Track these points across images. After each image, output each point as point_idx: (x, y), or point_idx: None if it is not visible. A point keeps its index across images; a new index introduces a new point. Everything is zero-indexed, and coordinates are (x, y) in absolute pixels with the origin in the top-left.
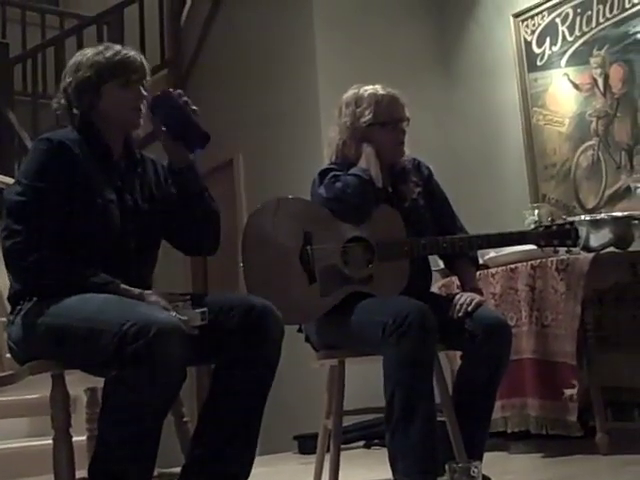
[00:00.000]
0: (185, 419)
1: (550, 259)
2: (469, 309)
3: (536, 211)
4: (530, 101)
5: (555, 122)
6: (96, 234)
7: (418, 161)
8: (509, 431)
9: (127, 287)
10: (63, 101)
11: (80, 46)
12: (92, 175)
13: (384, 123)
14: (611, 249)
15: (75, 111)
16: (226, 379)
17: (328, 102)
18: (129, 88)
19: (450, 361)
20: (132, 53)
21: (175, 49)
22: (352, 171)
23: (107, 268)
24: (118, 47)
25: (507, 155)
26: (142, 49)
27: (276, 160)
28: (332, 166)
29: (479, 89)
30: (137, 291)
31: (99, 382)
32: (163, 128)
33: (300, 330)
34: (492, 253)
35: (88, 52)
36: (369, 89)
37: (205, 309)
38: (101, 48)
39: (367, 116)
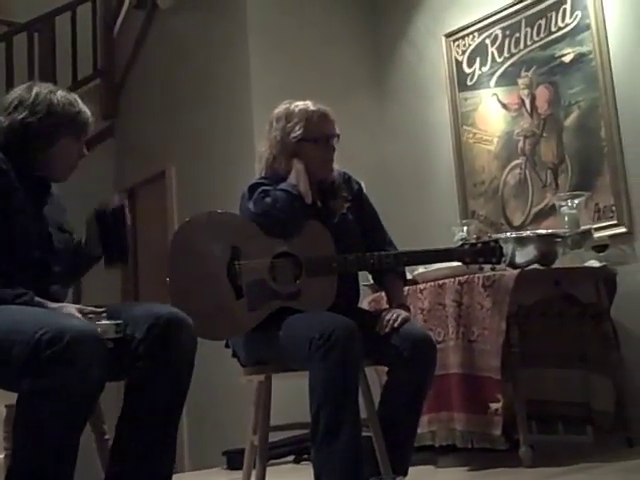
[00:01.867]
0: (106, 436)
1: (477, 275)
2: (395, 325)
3: (465, 227)
4: (460, 120)
5: (484, 141)
6: (15, 247)
7: (348, 176)
8: (436, 445)
9: (41, 299)
10: (5, 123)
11: (10, 53)
12: (18, 194)
13: (314, 139)
14: (536, 266)
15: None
16: (138, 394)
17: (262, 117)
18: (79, 144)
19: (379, 375)
20: (88, 112)
21: (108, 58)
22: (281, 186)
23: (22, 282)
24: (76, 101)
25: (438, 172)
26: (74, 58)
27: (209, 173)
28: (262, 181)
29: (412, 107)
30: (52, 304)
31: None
32: (98, 233)
33: (227, 345)
34: (421, 269)
35: (51, 96)
36: (300, 105)
37: (120, 321)
38: (61, 98)
39: (297, 131)
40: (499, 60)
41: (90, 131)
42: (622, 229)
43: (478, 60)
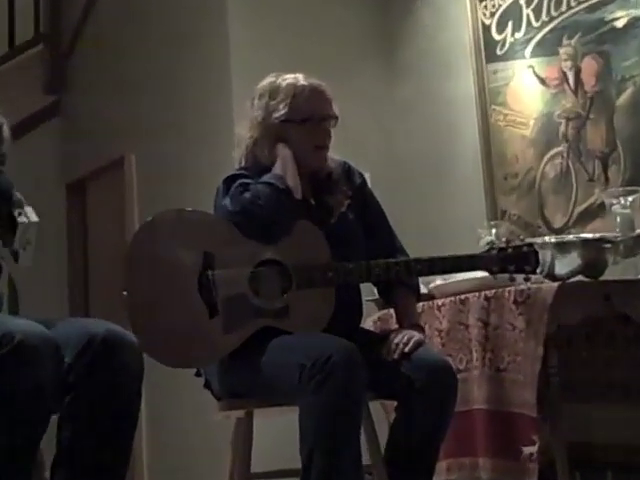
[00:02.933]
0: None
1: (507, 289)
2: (406, 350)
3: (493, 230)
4: (488, 97)
5: (518, 123)
6: None
7: (349, 166)
8: None
9: None
10: None
11: None
12: None
13: (303, 120)
14: (580, 277)
15: None
16: (70, 435)
17: (243, 93)
18: None
19: (386, 412)
20: None
21: (54, 20)
22: (264, 178)
23: None
24: None
25: (461, 162)
26: (10, 18)
27: (178, 162)
28: (241, 171)
29: (428, 82)
30: None
31: None
32: None
33: (198, 374)
34: (438, 280)
35: None
36: (289, 78)
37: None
38: None
39: (281, 110)
40: (536, 25)
41: None
42: None
43: (510, 24)
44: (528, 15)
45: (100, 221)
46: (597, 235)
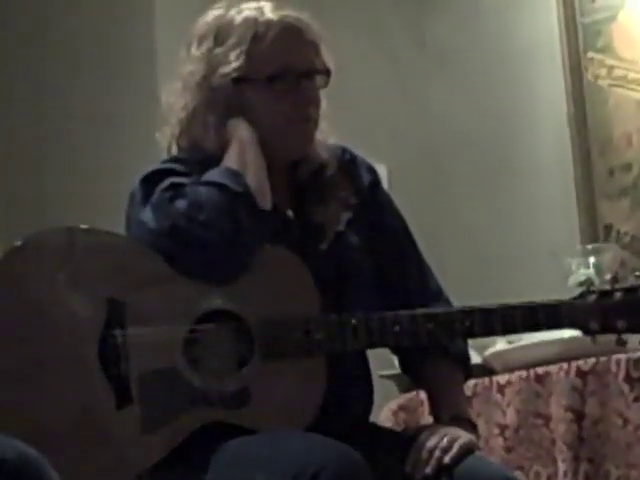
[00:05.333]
0: None
1: (614, 357)
2: (446, 460)
3: (591, 259)
4: (582, 40)
5: (631, 82)
6: None
7: (351, 156)
8: None
9: None
10: None
11: None
12: None
13: (270, 78)
14: None
15: None
16: None
17: (172, 36)
18: None
19: None
20: None
21: None
22: (209, 176)
23: None
24: None
25: (536, 149)
26: None
27: (66, 149)
28: (169, 165)
29: (484, 19)
30: None
31: None
32: None
33: None
34: (501, 344)
35: None
36: (246, 9)
37: None
38: None
39: (233, 63)
40: None
41: None
42: None
43: None
44: None
45: None
46: None
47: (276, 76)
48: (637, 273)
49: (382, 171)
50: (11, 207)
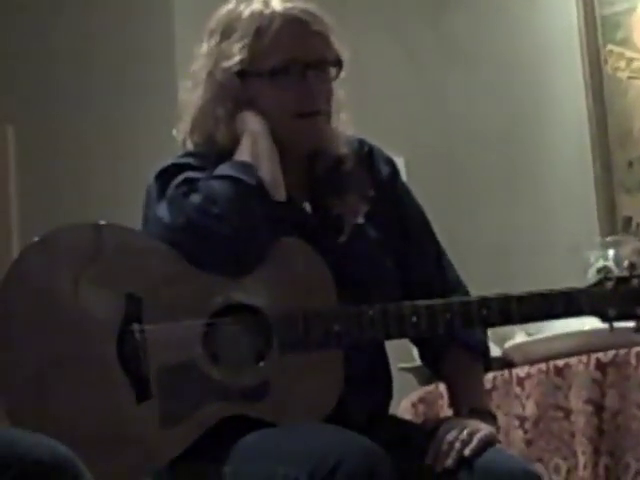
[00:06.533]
0: None
1: (634, 350)
2: (466, 453)
3: (610, 252)
4: (601, 32)
5: None
6: None
7: (370, 148)
8: None
9: None
10: None
11: None
12: None
13: (272, 72)
14: None
15: None
16: None
17: (192, 32)
18: None
19: None
20: None
21: None
22: (221, 170)
23: None
24: None
25: (554, 141)
26: None
27: (81, 141)
28: (185, 160)
29: (502, 12)
30: None
31: None
32: None
33: None
34: (520, 336)
35: None
36: (256, 2)
37: None
38: None
39: (236, 56)
40: None
41: None
42: None
43: None
44: None
45: None
46: None
47: (280, 69)
48: None
49: (400, 163)
50: (27, 205)
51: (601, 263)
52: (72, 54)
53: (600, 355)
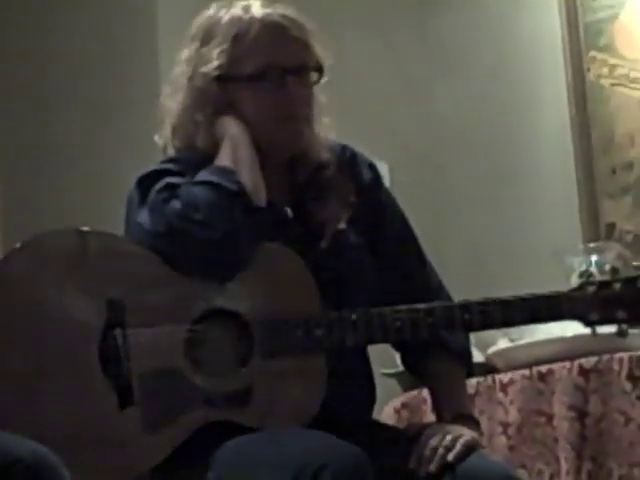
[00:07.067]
0: None
1: (617, 356)
2: (449, 458)
3: (593, 257)
4: (583, 39)
5: (632, 81)
6: None
7: (352, 153)
8: None
9: None
10: None
11: None
12: None
13: (251, 77)
14: None
15: None
16: None
17: (172, 43)
18: None
19: None
20: None
21: None
22: (202, 175)
23: None
24: None
25: (538, 147)
26: None
27: (64, 150)
28: (166, 165)
29: (486, 17)
30: None
31: None
32: None
33: None
34: (503, 342)
35: None
36: (235, 8)
37: None
38: None
39: (214, 62)
40: None
41: None
42: None
43: None
44: None
45: None
46: None
47: (258, 74)
48: (635, 263)
49: (383, 169)
50: (8, 207)
51: (581, 269)
52: (55, 63)
53: (583, 361)
